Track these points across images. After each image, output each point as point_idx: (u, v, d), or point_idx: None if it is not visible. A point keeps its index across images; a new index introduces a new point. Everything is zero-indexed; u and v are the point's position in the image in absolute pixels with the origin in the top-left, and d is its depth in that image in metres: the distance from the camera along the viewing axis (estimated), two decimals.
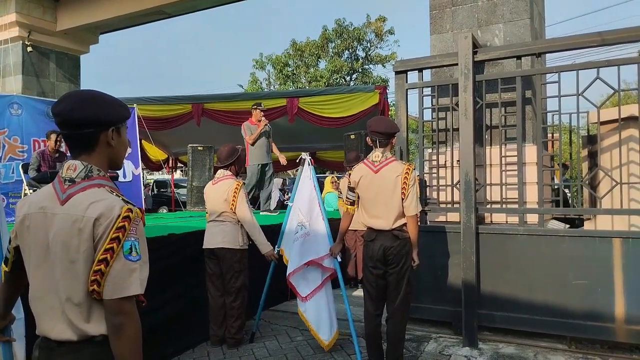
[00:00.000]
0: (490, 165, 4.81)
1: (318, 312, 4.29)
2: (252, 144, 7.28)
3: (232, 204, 4.38)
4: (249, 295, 4.56)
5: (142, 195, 8.78)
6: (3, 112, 7.13)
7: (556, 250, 4.25)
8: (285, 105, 9.57)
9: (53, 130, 6.53)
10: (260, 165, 7.36)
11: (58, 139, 6.47)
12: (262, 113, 7.35)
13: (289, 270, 4.27)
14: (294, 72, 26.21)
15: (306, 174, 4.52)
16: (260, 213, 7.37)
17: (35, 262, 1.56)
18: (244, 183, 4.61)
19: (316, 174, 4.58)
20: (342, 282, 4.30)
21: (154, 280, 1.58)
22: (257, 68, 26.90)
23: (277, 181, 13.80)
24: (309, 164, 4.55)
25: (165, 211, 13.93)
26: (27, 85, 11.40)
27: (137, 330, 1.50)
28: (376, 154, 3.65)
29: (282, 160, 7.70)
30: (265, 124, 7.32)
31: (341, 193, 6.63)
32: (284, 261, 4.49)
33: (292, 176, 17.77)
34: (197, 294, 4.61)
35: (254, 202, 8.11)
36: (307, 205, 4.39)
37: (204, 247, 4.49)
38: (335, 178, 10.31)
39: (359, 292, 5.60)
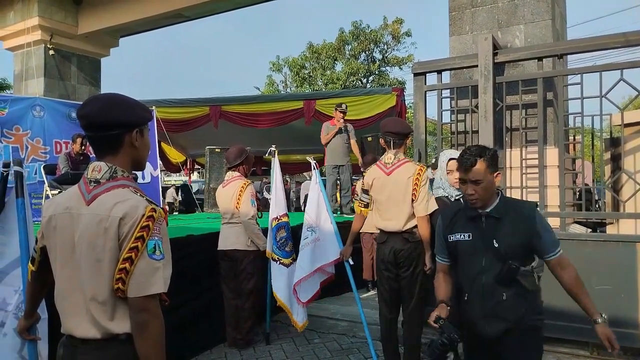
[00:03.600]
0: (511, 168, 4.76)
1: (291, 296, 4.32)
2: (325, 145, 7.32)
3: (237, 203, 4.40)
4: (262, 297, 4.57)
5: (161, 196, 8.86)
6: (26, 114, 7.27)
7: (578, 254, 4.16)
8: (302, 107, 9.59)
9: (79, 133, 6.65)
10: (333, 167, 7.34)
11: (83, 142, 6.59)
12: (342, 115, 7.34)
13: (298, 277, 4.19)
14: (311, 74, 26.26)
15: (313, 179, 4.52)
16: (341, 215, 7.30)
17: (61, 261, 1.59)
18: (251, 182, 4.62)
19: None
20: (354, 285, 4.19)
21: (173, 281, 1.60)
22: (273, 70, 27.01)
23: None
24: (314, 168, 4.54)
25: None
26: (49, 87, 11.60)
27: (160, 328, 1.52)
28: (389, 156, 3.63)
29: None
30: (341, 126, 7.27)
31: (357, 195, 6.60)
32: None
33: (308, 178, 17.78)
34: (215, 295, 4.63)
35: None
36: (316, 210, 4.36)
37: (218, 248, 4.53)
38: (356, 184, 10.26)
39: (373, 294, 5.57)
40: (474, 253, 2.29)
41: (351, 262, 4.09)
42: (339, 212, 7.41)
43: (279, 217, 4.49)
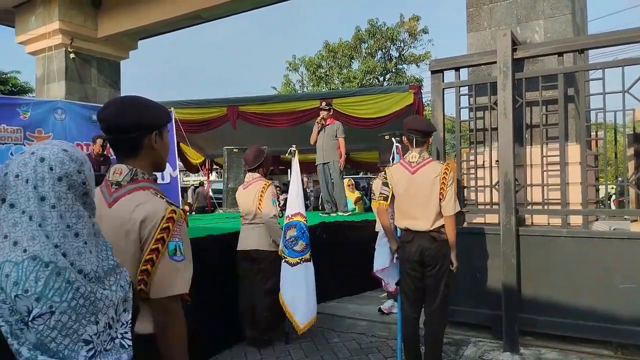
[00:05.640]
0: (531, 165, 4.69)
1: (293, 297, 4.36)
2: (312, 144, 7.33)
3: (259, 203, 4.44)
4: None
5: (179, 197, 8.94)
6: (48, 117, 7.41)
7: (602, 252, 4.10)
8: (318, 106, 9.58)
9: (99, 135, 6.76)
10: (321, 165, 7.28)
11: (104, 143, 6.68)
12: (324, 112, 7.31)
13: (380, 267, 4.06)
14: (327, 73, 26.26)
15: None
16: (339, 213, 7.23)
17: None
18: (272, 183, 4.67)
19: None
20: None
21: (194, 281, 1.61)
22: (290, 70, 27.08)
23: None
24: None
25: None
26: (70, 90, 11.77)
27: (182, 328, 1.54)
28: (413, 155, 3.61)
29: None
30: (322, 124, 7.22)
31: (374, 194, 6.56)
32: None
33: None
34: (235, 295, 4.66)
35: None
36: None
37: (238, 248, 4.56)
38: (353, 181, 10.37)
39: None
40: None
41: (397, 256, 3.84)
42: (337, 213, 7.30)
43: (290, 215, 4.53)
